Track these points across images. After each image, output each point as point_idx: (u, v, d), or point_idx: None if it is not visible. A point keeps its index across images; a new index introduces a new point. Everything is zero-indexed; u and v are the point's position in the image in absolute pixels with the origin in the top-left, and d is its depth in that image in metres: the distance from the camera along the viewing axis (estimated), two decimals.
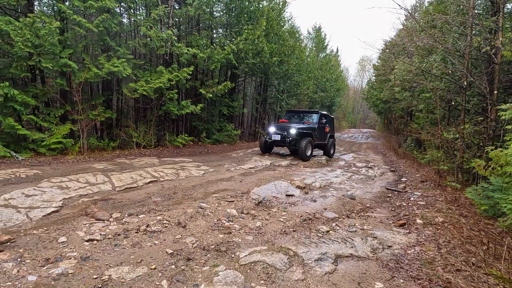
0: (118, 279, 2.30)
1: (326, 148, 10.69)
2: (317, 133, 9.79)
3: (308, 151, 9.14)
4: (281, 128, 9.29)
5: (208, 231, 3.42)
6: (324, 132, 10.31)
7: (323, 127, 10.19)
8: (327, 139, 10.57)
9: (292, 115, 10.86)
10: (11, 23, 5.87)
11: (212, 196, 4.84)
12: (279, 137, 9.04)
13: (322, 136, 10.22)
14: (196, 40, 9.40)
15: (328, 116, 10.91)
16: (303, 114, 10.68)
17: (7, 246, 2.66)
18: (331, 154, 11.08)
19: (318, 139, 9.90)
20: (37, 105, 6.90)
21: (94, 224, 3.34)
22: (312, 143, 9.23)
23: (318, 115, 10.25)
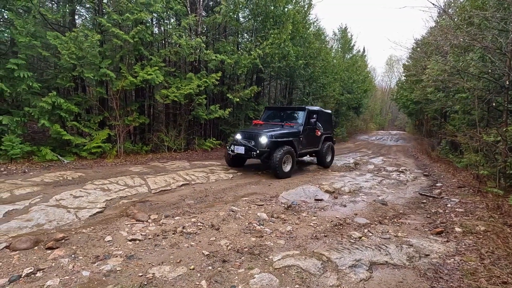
0: (161, 278, 2.45)
1: (319, 156, 8.42)
2: (303, 139, 7.46)
3: (287, 165, 6.83)
4: (247, 135, 6.96)
5: (241, 234, 3.52)
6: (314, 135, 7.98)
7: (312, 129, 7.84)
8: (320, 143, 8.28)
9: (271, 114, 8.51)
10: (59, 38, 6.41)
11: (242, 199, 4.95)
12: (243, 149, 6.75)
13: (311, 141, 7.91)
14: (223, 46, 9.66)
15: (321, 112, 8.41)
16: (285, 112, 8.26)
17: (62, 243, 2.92)
18: (328, 162, 8.66)
19: (305, 146, 7.63)
20: (79, 112, 7.45)
21: (135, 225, 3.57)
22: (293, 154, 6.90)
23: (304, 113, 7.68)
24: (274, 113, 8.51)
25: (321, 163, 8.57)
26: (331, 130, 9.07)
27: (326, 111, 8.90)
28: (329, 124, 8.94)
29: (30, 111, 6.40)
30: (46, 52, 6.52)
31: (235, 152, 6.93)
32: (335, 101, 18.47)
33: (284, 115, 8.15)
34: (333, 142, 9.15)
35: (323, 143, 8.40)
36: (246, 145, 6.78)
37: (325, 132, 8.51)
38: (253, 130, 7.16)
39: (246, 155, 6.79)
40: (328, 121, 8.82)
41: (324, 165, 8.53)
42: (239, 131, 7.39)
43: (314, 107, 8.62)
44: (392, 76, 48.36)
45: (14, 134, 6.18)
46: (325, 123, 8.49)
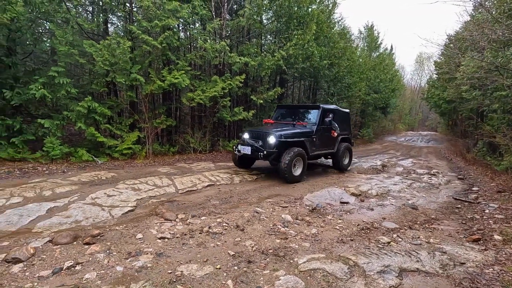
0: (189, 275, 2.53)
1: (335, 158, 7.82)
2: (316, 139, 6.91)
3: (297, 168, 6.35)
4: (255, 135, 6.56)
5: (265, 236, 3.54)
6: (329, 136, 7.37)
7: (327, 129, 7.27)
8: (335, 145, 7.65)
9: (283, 112, 8.01)
10: (94, 46, 6.82)
11: (266, 201, 4.97)
12: (249, 149, 6.33)
13: (326, 142, 7.33)
14: (247, 49, 9.75)
15: (338, 111, 7.84)
16: (298, 111, 7.71)
17: (98, 239, 3.11)
18: (345, 165, 8.10)
19: (318, 148, 7.07)
20: (111, 115, 7.86)
21: (163, 224, 3.71)
22: (304, 156, 6.40)
23: (318, 111, 7.13)
24: (286, 112, 7.96)
25: (336, 166, 7.92)
26: (349, 130, 8.41)
27: (343, 110, 8.29)
28: (347, 125, 8.30)
29: (68, 114, 6.86)
30: (82, 60, 6.97)
31: (242, 153, 6.53)
32: (361, 101, 17.97)
33: (297, 114, 7.58)
34: (351, 144, 8.48)
35: (340, 144, 7.79)
36: (252, 145, 6.34)
37: (342, 132, 7.85)
38: (261, 129, 6.74)
39: (253, 155, 6.33)
40: (345, 121, 8.18)
41: (340, 168, 7.89)
42: (246, 130, 6.98)
43: (330, 105, 8.02)
44: (422, 74, 46.14)
45: (54, 136, 6.65)
46: (342, 123, 7.84)
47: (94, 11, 9.54)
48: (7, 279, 2.34)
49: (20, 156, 6.29)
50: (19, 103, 6.48)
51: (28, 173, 5.52)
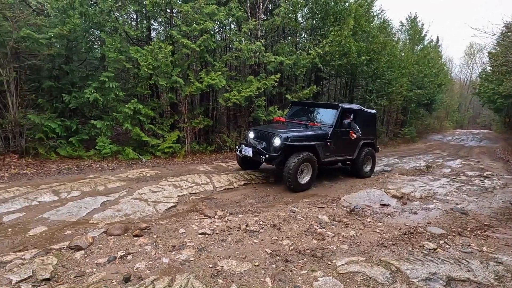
0: (229, 271, 2.63)
1: (355, 165, 6.83)
2: (332, 143, 6.02)
3: (305, 176, 5.59)
4: (260, 135, 5.95)
5: (302, 236, 3.54)
6: (348, 140, 6.37)
7: (345, 132, 6.28)
8: (355, 150, 6.68)
9: (298, 110, 7.20)
10: (139, 51, 7.31)
11: (302, 201, 4.95)
12: (251, 151, 5.71)
13: (344, 147, 6.39)
14: (282, 48, 9.74)
15: (361, 112, 6.90)
16: (314, 109, 6.89)
17: (146, 232, 3.36)
18: (365, 173, 7.01)
19: (334, 153, 6.17)
20: (154, 116, 8.36)
21: (203, 220, 3.88)
22: (314, 162, 5.60)
23: (336, 112, 6.20)
24: (301, 110, 7.13)
25: (355, 173, 6.93)
26: (374, 134, 7.32)
27: (368, 111, 7.26)
28: (372, 127, 7.22)
29: (116, 116, 7.44)
30: (129, 65, 7.50)
31: (243, 154, 5.97)
32: (403, 98, 16.95)
33: (313, 113, 6.78)
34: (376, 149, 7.41)
35: (361, 150, 6.75)
36: (255, 147, 5.72)
37: (365, 136, 6.86)
38: (268, 128, 6.06)
39: (255, 158, 5.67)
40: (370, 123, 7.14)
41: (359, 175, 6.90)
42: (252, 129, 6.32)
43: (352, 105, 7.18)
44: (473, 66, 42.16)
45: (105, 136, 7.26)
46: (366, 126, 6.88)
47: (138, 18, 10.21)
48: (71, 264, 2.63)
49: (77, 154, 6.96)
50: (75, 106, 7.17)
51: (84, 169, 6.11)
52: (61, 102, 7.15)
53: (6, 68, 5.83)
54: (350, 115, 6.52)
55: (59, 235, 3.29)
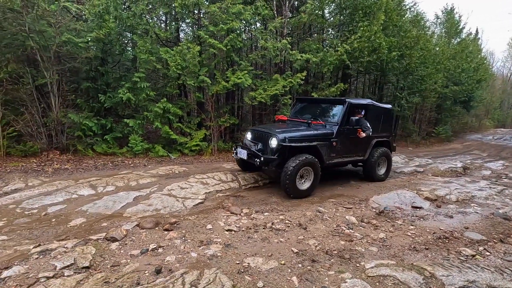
0: (255, 268, 2.66)
1: (366, 166, 6.22)
2: (338, 143, 5.46)
3: (305, 181, 5.06)
4: (257, 135, 5.51)
5: (329, 236, 3.48)
6: (357, 139, 5.74)
7: (352, 131, 5.66)
8: (367, 150, 6.07)
9: (303, 107, 6.64)
10: (168, 52, 7.56)
11: (329, 200, 4.87)
12: (245, 154, 5.34)
13: (352, 147, 5.80)
14: (308, 45, 9.60)
15: (373, 107, 6.15)
16: (319, 105, 6.35)
17: (175, 227, 3.48)
18: (379, 176, 6.35)
19: (340, 154, 5.61)
20: (182, 115, 8.61)
21: (229, 217, 3.94)
22: (316, 165, 5.04)
23: (343, 108, 5.60)
24: (306, 107, 6.56)
25: (367, 176, 6.28)
26: (390, 132, 6.58)
27: (381, 106, 6.47)
28: (387, 124, 6.47)
29: (147, 115, 7.76)
30: (159, 65, 7.79)
31: (238, 157, 5.65)
32: (437, 95, 16.01)
33: (318, 110, 6.23)
34: (392, 149, 6.73)
35: (373, 149, 6.14)
36: (249, 149, 5.30)
37: (379, 134, 6.24)
38: (265, 128, 5.54)
39: (251, 161, 5.25)
40: (385, 120, 6.38)
41: (372, 179, 6.24)
42: (249, 129, 5.95)
43: (361, 99, 6.55)
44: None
45: (137, 134, 7.60)
46: (379, 123, 6.22)
47: (167, 20, 10.54)
48: (108, 254, 2.80)
49: (111, 151, 7.36)
50: (110, 106, 7.57)
51: (118, 165, 6.44)
52: (97, 102, 7.58)
53: (50, 71, 6.29)
54: (360, 111, 5.94)
55: (96, 227, 3.51)
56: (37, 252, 2.73)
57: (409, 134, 15.56)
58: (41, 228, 3.47)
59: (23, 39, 5.90)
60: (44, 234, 3.32)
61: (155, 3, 8.16)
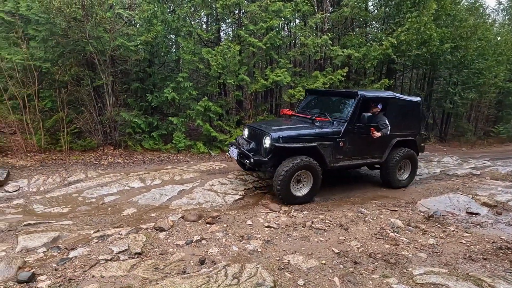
0: (296, 265, 2.66)
1: (384, 170, 5.37)
2: (347, 144, 4.74)
3: (303, 186, 4.49)
4: (253, 133, 4.99)
5: (372, 238, 3.35)
6: (371, 138, 4.83)
7: (364, 129, 4.80)
8: (385, 152, 5.18)
9: (313, 100, 5.92)
10: (210, 52, 7.82)
11: (372, 202, 4.67)
12: (236, 153, 4.84)
13: (365, 148, 4.99)
14: (350, 40, 9.24)
15: (394, 100, 5.22)
16: (329, 99, 5.59)
17: (217, 221, 3.61)
18: (401, 181, 5.50)
19: (349, 155, 4.87)
20: (222, 113, 8.85)
21: (269, 214, 3.98)
22: (315, 168, 4.40)
23: (354, 102, 4.82)
24: (316, 100, 5.84)
25: (385, 181, 5.45)
26: (416, 129, 5.60)
27: (406, 98, 5.53)
28: (412, 121, 5.51)
29: (190, 113, 8.11)
30: (201, 65, 8.09)
31: (231, 156, 5.18)
32: (497, 90, 14.39)
33: (328, 104, 5.49)
34: (419, 149, 5.75)
35: (393, 150, 5.22)
36: (241, 148, 4.81)
37: (401, 132, 5.30)
38: (262, 125, 4.91)
39: (242, 161, 4.90)
40: (409, 115, 5.43)
41: (390, 184, 5.40)
42: (247, 125, 5.45)
43: (379, 91, 5.78)
44: None
45: (180, 131, 8.00)
46: (402, 119, 5.31)
47: (208, 21, 10.89)
48: (156, 242, 3.01)
49: (157, 147, 7.84)
50: (156, 105, 8.06)
51: (163, 160, 6.85)
52: (145, 101, 8.12)
53: (105, 73, 6.89)
54: (377, 106, 5.06)
55: (146, 217, 3.78)
56: (96, 237, 3.04)
57: (462, 134, 14.23)
58: (99, 215, 3.84)
59: (83, 44, 6.53)
60: (102, 221, 3.67)
61: (198, 5, 8.47)
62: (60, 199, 4.36)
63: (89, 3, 6.17)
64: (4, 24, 6.61)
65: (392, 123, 4.93)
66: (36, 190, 4.60)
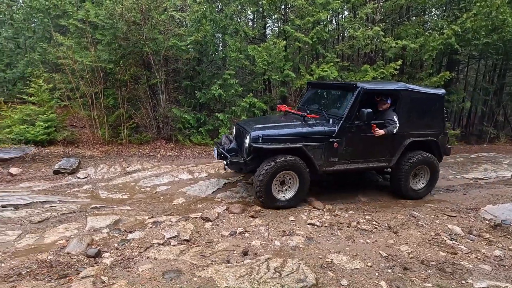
0: (339, 265, 2.59)
1: (394, 176, 4.53)
2: (343, 144, 4.09)
3: (287, 190, 4.01)
4: (238, 132, 4.54)
5: (425, 244, 3.11)
6: (375, 138, 4.11)
7: (366, 128, 4.08)
8: (395, 154, 4.34)
9: (314, 94, 5.26)
10: (255, 49, 7.91)
11: (426, 205, 4.32)
12: (216, 153, 4.43)
13: (368, 149, 4.27)
14: (405, 30, 8.54)
15: (406, 93, 4.32)
16: (329, 92, 4.97)
17: (259, 215, 3.67)
18: (416, 192, 4.59)
19: (346, 158, 4.18)
20: (266, 109, 8.91)
21: (312, 211, 3.93)
22: (302, 170, 3.89)
23: (352, 96, 4.11)
24: (316, 94, 5.21)
25: (395, 189, 4.60)
26: (439, 128, 4.64)
27: (423, 90, 4.58)
28: (435, 117, 4.57)
29: (235, 109, 8.32)
30: (246, 62, 8.23)
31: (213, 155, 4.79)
32: None
33: (327, 98, 4.87)
34: (443, 153, 4.80)
35: (406, 153, 4.38)
36: (221, 148, 4.43)
37: (417, 131, 4.43)
38: (248, 123, 4.46)
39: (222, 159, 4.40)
40: (430, 111, 4.51)
41: (401, 194, 4.56)
42: (235, 124, 5.02)
43: (387, 83, 5.06)
44: None
45: (226, 127, 8.26)
46: (419, 115, 4.43)
47: (254, 18, 11.00)
48: (203, 231, 3.18)
49: (204, 142, 8.22)
50: (204, 101, 8.43)
51: (210, 155, 7.16)
52: (194, 98, 8.54)
53: (159, 72, 7.41)
54: (386, 101, 4.32)
55: (193, 207, 4.01)
56: (151, 223, 3.31)
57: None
58: (153, 203, 4.18)
59: (141, 46, 7.09)
60: (155, 208, 3.99)
61: (245, 3, 8.60)
62: (121, 186, 4.84)
63: (146, 7, 6.67)
64: (77, 31, 7.48)
65: (404, 120, 4.23)
66: (101, 177, 5.18)
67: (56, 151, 5.90)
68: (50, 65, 8.39)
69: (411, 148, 4.41)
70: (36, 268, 2.36)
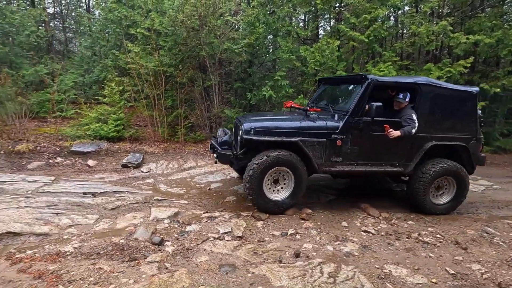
0: (399, 278, 2.43)
1: (411, 186, 3.94)
2: (349, 142, 3.64)
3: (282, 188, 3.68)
4: (234, 125, 4.36)
5: (502, 265, 2.75)
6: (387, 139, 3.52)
7: (376, 125, 3.57)
8: (412, 159, 3.79)
9: (325, 90, 4.83)
10: (308, 50, 7.81)
11: (502, 221, 3.82)
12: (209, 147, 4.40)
13: (376, 152, 3.77)
14: (478, 24, 7.62)
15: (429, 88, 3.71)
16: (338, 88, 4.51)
17: (310, 217, 3.62)
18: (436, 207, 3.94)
19: (352, 159, 3.72)
20: None
21: (366, 218, 3.75)
22: (296, 167, 3.53)
23: (361, 89, 3.61)
24: (327, 90, 4.82)
25: (412, 200, 4.05)
26: (471, 132, 3.93)
27: (449, 87, 3.92)
28: (463, 119, 3.91)
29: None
30: (298, 63, 8.18)
31: None
32: None
33: (336, 93, 4.50)
34: (475, 162, 4.04)
35: (425, 159, 3.83)
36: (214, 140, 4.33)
37: (442, 134, 3.84)
38: (244, 117, 4.24)
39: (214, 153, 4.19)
40: (458, 111, 3.88)
41: (418, 208, 3.97)
42: (236, 118, 4.67)
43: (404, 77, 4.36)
44: None
45: None
46: (445, 115, 3.82)
47: (306, 19, 10.87)
48: (255, 229, 3.25)
49: None
50: (254, 102, 8.60)
51: None
52: (245, 99, 8.78)
53: (214, 74, 7.78)
54: (405, 98, 3.72)
55: (244, 205, 4.13)
56: (206, 217, 3.50)
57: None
58: (207, 198, 4.40)
59: (198, 50, 7.53)
60: (209, 204, 4.20)
61: (298, 4, 8.56)
62: (178, 181, 5.20)
63: (204, 14, 7.06)
64: (143, 38, 8.25)
65: (425, 120, 3.68)
66: (161, 172, 5.63)
67: (124, 147, 6.58)
68: (120, 69, 9.37)
69: (435, 154, 3.87)
70: (111, 250, 2.67)
